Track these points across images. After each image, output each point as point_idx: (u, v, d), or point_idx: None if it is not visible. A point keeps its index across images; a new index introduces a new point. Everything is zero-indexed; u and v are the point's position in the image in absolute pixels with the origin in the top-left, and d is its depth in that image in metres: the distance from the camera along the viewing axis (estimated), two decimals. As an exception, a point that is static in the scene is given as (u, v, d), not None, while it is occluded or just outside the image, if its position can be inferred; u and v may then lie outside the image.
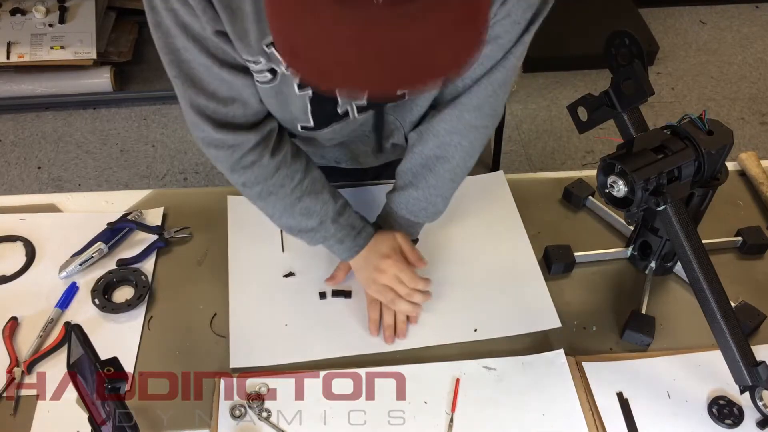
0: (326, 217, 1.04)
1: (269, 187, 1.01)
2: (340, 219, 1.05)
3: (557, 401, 0.98)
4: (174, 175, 2.48)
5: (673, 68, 2.98)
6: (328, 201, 1.04)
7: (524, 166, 2.53)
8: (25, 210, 1.22)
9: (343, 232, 1.05)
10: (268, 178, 1.00)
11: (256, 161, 0.98)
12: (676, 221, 0.96)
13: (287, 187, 1.01)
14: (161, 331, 1.06)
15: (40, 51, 2.57)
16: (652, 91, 0.98)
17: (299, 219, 1.04)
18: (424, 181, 1.08)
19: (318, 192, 1.04)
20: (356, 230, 1.07)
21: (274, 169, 1.00)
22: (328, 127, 1.02)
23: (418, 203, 1.10)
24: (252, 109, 0.95)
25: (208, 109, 0.92)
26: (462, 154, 1.06)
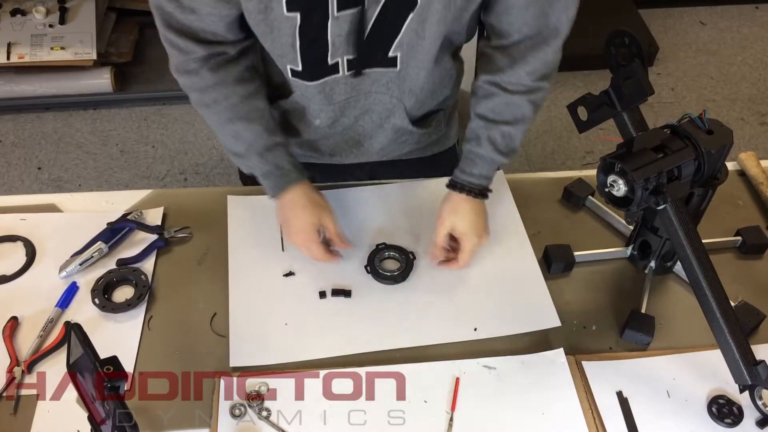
0: (252, 148, 1.08)
1: (203, 99, 1.07)
2: (266, 154, 1.08)
3: (557, 400, 0.98)
4: (174, 175, 2.48)
5: (672, 69, 2.98)
6: (260, 133, 1.08)
7: (524, 166, 2.53)
8: (26, 210, 1.22)
9: (267, 168, 1.09)
10: (203, 91, 1.06)
11: (196, 70, 1.04)
12: (675, 221, 0.96)
13: (220, 104, 1.06)
14: (161, 331, 1.06)
15: (41, 51, 2.57)
16: (652, 91, 0.98)
17: (229, 140, 1.10)
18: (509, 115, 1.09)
19: (251, 120, 1.08)
20: (282, 171, 1.10)
21: (211, 84, 1.05)
22: (318, 81, 1.03)
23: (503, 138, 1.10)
24: (207, 27, 0.99)
25: (165, 10, 0.97)
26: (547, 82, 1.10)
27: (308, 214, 1.09)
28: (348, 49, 0.99)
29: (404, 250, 1.15)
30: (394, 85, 1.07)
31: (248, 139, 1.08)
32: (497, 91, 1.07)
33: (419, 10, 0.94)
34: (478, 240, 1.11)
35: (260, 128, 1.08)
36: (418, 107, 1.15)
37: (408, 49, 1.01)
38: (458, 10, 0.97)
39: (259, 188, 1.24)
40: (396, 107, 1.11)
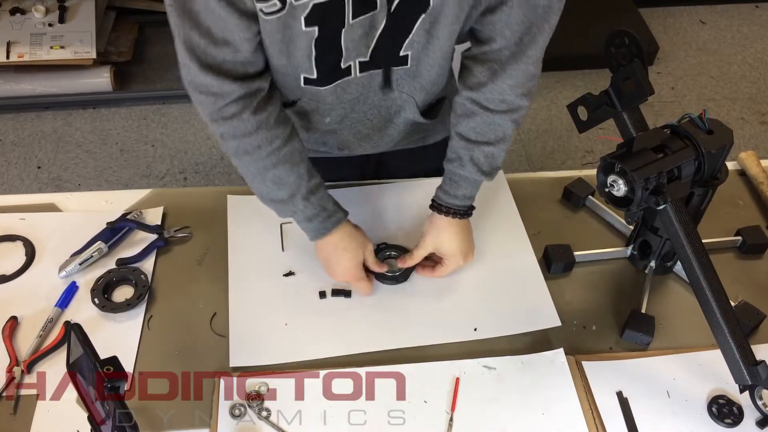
0: (297, 192, 1.04)
1: (245, 146, 1.00)
2: (311, 197, 1.05)
3: (557, 400, 0.98)
4: (174, 174, 2.48)
5: (672, 68, 2.98)
6: (303, 176, 1.04)
7: (524, 165, 2.53)
8: (25, 209, 1.22)
9: (312, 211, 1.06)
10: (246, 136, 0.99)
11: (236, 115, 0.97)
12: (676, 220, 0.96)
13: (264, 150, 1.00)
14: (161, 331, 1.06)
15: (40, 51, 2.57)
16: (652, 91, 0.98)
17: (271, 187, 1.04)
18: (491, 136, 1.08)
19: (295, 164, 1.04)
20: (327, 212, 1.07)
21: (254, 128, 0.99)
22: (331, 85, 1.02)
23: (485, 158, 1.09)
24: (242, 57, 0.94)
25: (199, 48, 0.91)
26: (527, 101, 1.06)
27: (353, 255, 1.08)
28: (360, 51, 0.98)
29: (405, 249, 1.15)
30: (405, 82, 1.07)
31: (293, 184, 1.03)
32: (478, 110, 1.05)
33: (431, 11, 0.94)
34: (463, 261, 1.12)
35: (303, 170, 1.04)
36: (427, 101, 1.15)
37: (419, 48, 1.00)
38: (470, 8, 0.97)
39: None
40: (407, 103, 1.11)
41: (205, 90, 0.95)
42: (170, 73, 2.82)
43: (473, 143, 1.07)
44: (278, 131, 1.01)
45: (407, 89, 1.08)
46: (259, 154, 1.00)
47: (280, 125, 1.02)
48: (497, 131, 1.06)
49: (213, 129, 1.01)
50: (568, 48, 2.86)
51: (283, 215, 1.08)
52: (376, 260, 1.12)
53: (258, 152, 1.00)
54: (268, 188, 1.04)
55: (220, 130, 0.99)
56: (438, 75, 1.08)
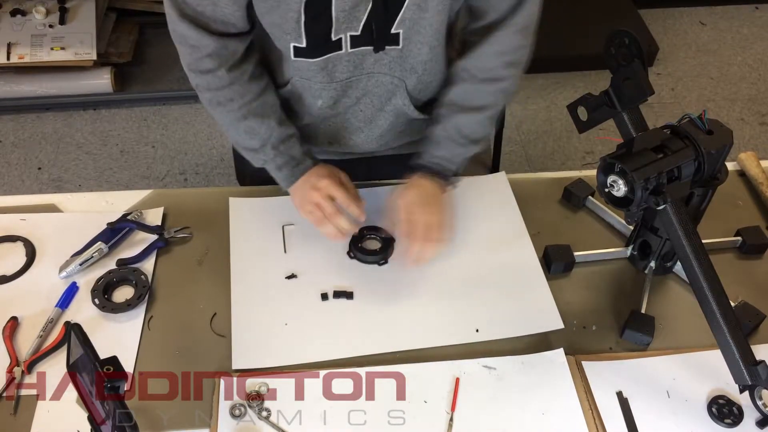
0: (267, 142, 1.09)
1: (218, 98, 1.07)
2: (280, 146, 1.10)
3: (557, 400, 0.98)
4: (174, 175, 2.48)
5: (672, 69, 2.98)
6: (274, 127, 1.09)
7: (524, 166, 2.53)
8: (26, 210, 1.22)
9: (281, 159, 1.10)
10: (219, 89, 1.06)
11: (212, 71, 1.03)
12: (675, 221, 0.96)
13: (236, 102, 1.06)
14: (161, 331, 1.06)
15: (41, 52, 2.57)
16: (652, 91, 0.98)
17: (243, 137, 1.10)
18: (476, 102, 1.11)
19: (266, 116, 1.09)
20: (296, 161, 1.11)
21: (227, 83, 1.05)
22: (321, 57, 1.04)
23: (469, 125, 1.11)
24: (220, 13, 0.98)
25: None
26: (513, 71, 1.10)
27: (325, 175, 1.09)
28: (351, 24, 0.99)
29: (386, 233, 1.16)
30: (396, 65, 1.08)
31: (263, 134, 1.09)
32: (465, 76, 1.10)
33: None
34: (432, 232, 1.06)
35: (274, 122, 1.10)
36: (419, 89, 1.15)
37: (411, 25, 1.01)
38: None
39: (259, 188, 1.24)
40: (397, 87, 1.11)
41: (183, 41, 1.01)
42: (170, 74, 2.82)
43: (457, 107, 1.11)
44: (251, 86, 1.07)
45: (398, 72, 1.09)
46: (231, 106, 1.07)
47: (254, 81, 1.08)
48: (482, 99, 1.11)
49: (190, 78, 1.07)
50: (568, 49, 2.87)
51: (257, 164, 1.13)
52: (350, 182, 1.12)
53: (230, 104, 1.07)
54: (241, 137, 1.11)
55: (195, 81, 1.07)
56: (428, 56, 1.09)
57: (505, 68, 1.09)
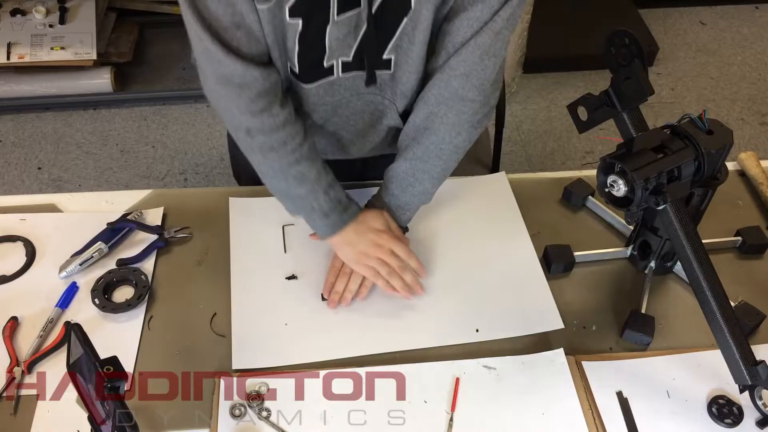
0: (317, 187, 1.04)
1: (272, 142, 1.00)
2: (330, 191, 1.06)
3: (557, 400, 0.98)
4: (174, 175, 2.48)
5: (672, 69, 2.98)
6: (321, 171, 1.05)
7: (524, 166, 2.53)
8: (26, 210, 1.22)
9: (330, 205, 1.06)
10: (274, 131, 0.99)
11: (266, 109, 0.98)
12: (675, 221, 0.96)
13: (289, 145, 1.01)
14: (161, 331, 1.06)
15: (41, 51, 2.57)
16: (652, 91, 0.98)
17: (292, 183, 1.04)
18: (411, 153, 1.09)
19: (314, 159, 1.04)
20: (342, 206, 1.08)
21: (282, 123, 0.99)
22: (314, 83, 1.03)
23: (406, 177, 1.11)
24: (255, 40, 0.95)
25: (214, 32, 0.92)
26: (447, 127, 1.06)
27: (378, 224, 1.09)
28: (344, 51, 0.99)
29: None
30: (387, 87, 1.07)
31: (313, 179, 1.04)
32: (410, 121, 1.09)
33: (412, 14, 0.95)
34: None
35: (321, 166, 1.06)
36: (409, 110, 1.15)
37: (401, 53, 1.01)
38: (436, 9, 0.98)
39: (260, 188, 1.24)
40: (388, 108, 1.11)
41: (229, 81, 0.95)
42: (170, 74, 2.82)
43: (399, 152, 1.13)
44: (299, 126, 1.03)
45: (389, 95, 1.09)
46: (284, 150, 1.01)
47: (299, 120, 1.03)
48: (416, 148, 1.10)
49: (241, 121, 1.00)
50: (568, 48, 2.87)
51: (298, 212, 1.08)
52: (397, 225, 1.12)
53: (284, 148, 1.01)
54: (289, 184, 1.04)
55: (247, 124, 0.99)
56: (417, 83, 1.08)
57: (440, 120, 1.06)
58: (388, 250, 1.07)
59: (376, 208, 1.14)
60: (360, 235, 1.08)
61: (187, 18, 0.92)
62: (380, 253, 1.07)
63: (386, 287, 1.08)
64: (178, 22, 0.99)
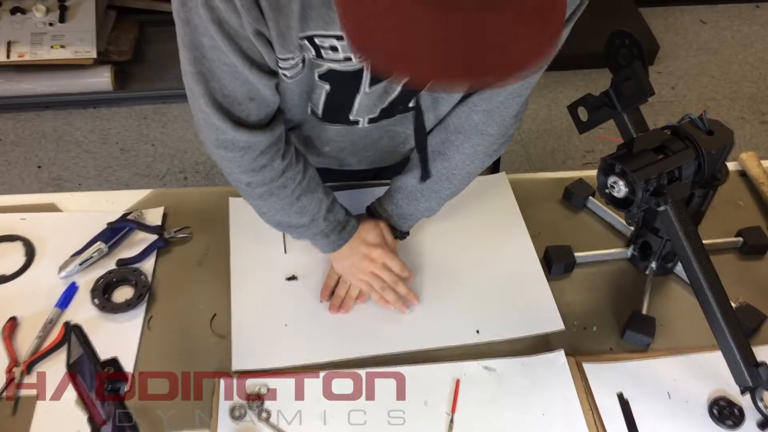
0: (318, 215, 1.05)
1: (272, 189, 1.00)
2: (329, 216, 1.06)
3: (557, 402, 0.98)
4: (174, 174, 2.48)
5: (673, 68, 2.98)
6: (322, 199, 1.05)
7: (524, 166, 2.53)
8: (25, 209, 1.22)
9: (329, 227, 1.06)
10: (274, 180, 0.99)
11: (267, 165, 0.97)
12: (676, 221, 0.96)
13: (289, 188, 1.01)
14: (161, 331, 1.06)
15: (41, 50, 2.57)
16: (652, 92, 0.98)
17: (293, 217, 1.04)
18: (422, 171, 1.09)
19: (314, 191, 1.04)
20: (341, 225, 1.08)
21: (281, 172, 0.99)
22: (333, 125, 1.02)
23: (414, 192, 1.11)
24: (266, 109, 0.93)
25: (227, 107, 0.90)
26: (461, 156, 1.06)
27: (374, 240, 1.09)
28: (371, 110, 0.98)
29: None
30: (407, 121, 1.05)
31: (313, 209, 1.04)
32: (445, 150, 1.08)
33: None
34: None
35: (321, 193, 1.05)
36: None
37: (428, 99, 1.00)
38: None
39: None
40: (410, 137, 1.10)
41: (232, 146, 0.93)
42: (170, 72, 2.82)
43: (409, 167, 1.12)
44: (299, 167, 1.02)
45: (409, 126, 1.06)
46: (285, 192, 1.01)
47: (299, 159, 1.02)
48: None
49: (242, 179, 0.99)
50: (568, 48, 2.84)
51: (300, 238, 1.09)
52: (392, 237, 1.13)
53: (284, 191, 1.00)
54: (290, 218, 1.04)
55: (248, 179, 0.99)
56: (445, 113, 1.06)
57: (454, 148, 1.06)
58: (380, 264, 1.08)
59: (374, 217, 1.13)
60: (353, 250, 1.09)
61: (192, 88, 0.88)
62: (373, 268, 1.08)
63: (379, 300, 1.09)
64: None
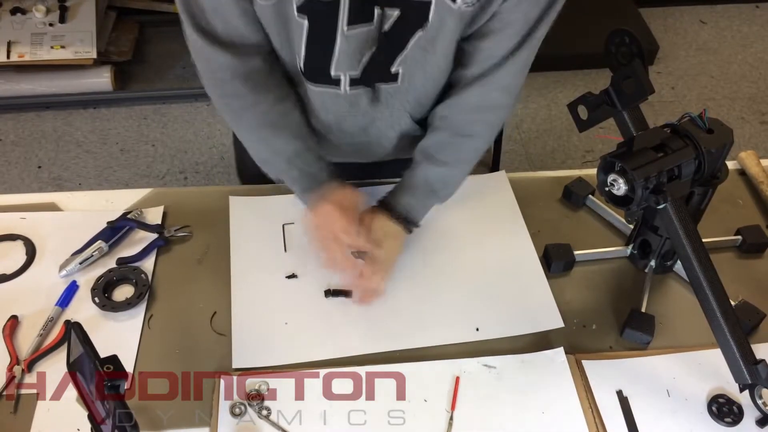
0: (280, 154, 1.07)
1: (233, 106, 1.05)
2: (296, 160, 1.07)
3: (557, 399, 0.98)
4: (174, 174, 2.48)
5: (673, 68, 2.98)
6: (289, 140, 1.07)
7: (524, 165, 2.53)
8: (26, 209, 1.22)
9: (294, 173, 1.08)
10: (234, 98, 1.04)
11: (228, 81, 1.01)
12: (676, 220, 0.96)
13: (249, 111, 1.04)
14: (161, 330, 1.06)
15: (41, 50, 2.57)
16: (652, 90, 0.98)
17: (256, 146, 1.09)
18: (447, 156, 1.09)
19: (280, 127, 1.06)
20: (312, 175, 1.08)
21: (243, 92, 1.02)
22: (318, 86, 1.03)
23: (435, 183, 1.11)
24: (233, 31, 0.96)
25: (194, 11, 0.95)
26: (488, 131, 1.09)
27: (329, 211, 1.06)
28: (352, 65, 0.99)
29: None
30: (395, 100, 1.07)
31: (275, 145, 1.07)
32: (444, 126, 1.09)
33: (429, 29, 0.94)
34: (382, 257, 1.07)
35: (288, 134, 1.07)
36: (422, 112, 1.15)
37: (413, 63, 1.00)
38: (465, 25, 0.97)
39: (260, 188, 1.24)
40: (400, 116, 1.11)
41: (199, 54, 0.99)
42: (170, 72, 2.82)
43: (428, 158, 1.10)
44: (267, 96, 1.04)
45: (398, 105, 1.08)
46: (244, 114, 1.05)
47: (270, 92, 1.04)
48: (453, 154, 1.10)
49: (208, 91, 1.05)
50: (568, 48, 2.86)
51: (273, 175, 1.11)
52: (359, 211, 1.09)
53: (243, 113, 1.05)
54: (254, 147, 1.09)
55: (209, 88, 1.04)
56: (433, 88, 1.08)
57: (481, 125, 1.08)
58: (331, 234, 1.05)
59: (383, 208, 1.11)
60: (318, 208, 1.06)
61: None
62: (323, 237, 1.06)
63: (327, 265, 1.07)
64: (178, 21, 0.99)
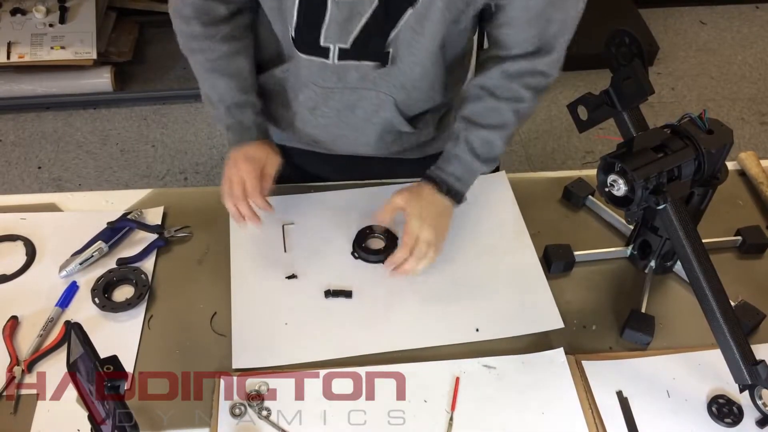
0: (222, 101, 1.12)
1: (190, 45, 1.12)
2: (234, 110, 1.13)
3: (557, 400, 0.98)
4: (174, 175, 2.48)
5: (673, 68, 2.98)
6: (234, 90, 1.12)
7: (524, 165, 2.53)
8: (26, 209, 1.22)
9: (230, 121, 1.13)
10: (191, 38, 1.10)
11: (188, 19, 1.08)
12: (676, 220, 0.96)
13: (203, 54, 1.11)
14: (161, 330, 1.06)
15: (41, 51, 2.57)
16: (652, 90, 0.98)
17: (207, 89, 1.14)
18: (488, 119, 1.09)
19: (229, 76, 1.12)
20: (243, 127, 1.14)
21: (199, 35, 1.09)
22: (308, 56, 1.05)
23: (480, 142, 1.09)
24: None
25: None
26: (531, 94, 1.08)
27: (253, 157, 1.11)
28: (342, 37, 0.99)
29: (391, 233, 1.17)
30: (382, 81, 1.07)
31: (221, 92, 1.12)
32: (484, 95, 1.08)
33: (419, 7, 0.95)
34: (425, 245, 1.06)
35: (234, 84, 1.12)
36: (408, 104, 1.15)
37: (403, 44, 1.01)
38: (458, 12, 0.98)
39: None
40: (385, 102, 1.11)
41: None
42: (170, 73, 2.82)
43: (472, 124, 1.09)
44: (221, 46, 1.10)
45: (385, 88, 1.08)
46: (198, 57, 1.12)
47: (226, 42, 1.10)
48: (497, 117, 1.09)
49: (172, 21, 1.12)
50: (568, 48, 2.85)
51: (214, 119, 1.16)
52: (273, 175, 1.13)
53: (198, 55, 1.12)
54: (205, 88, 1.14)
55: (174, 22, 1.11)
56: (421, 76, 1.08)
57: (526, 90, 1.07)
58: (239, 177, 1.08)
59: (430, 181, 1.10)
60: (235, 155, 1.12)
61: None
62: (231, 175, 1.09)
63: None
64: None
